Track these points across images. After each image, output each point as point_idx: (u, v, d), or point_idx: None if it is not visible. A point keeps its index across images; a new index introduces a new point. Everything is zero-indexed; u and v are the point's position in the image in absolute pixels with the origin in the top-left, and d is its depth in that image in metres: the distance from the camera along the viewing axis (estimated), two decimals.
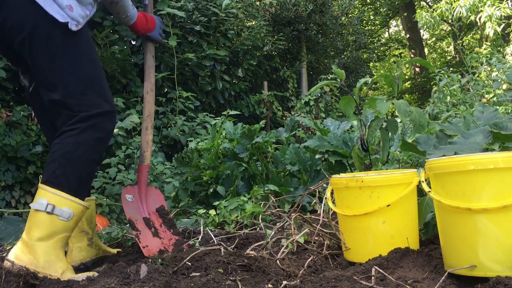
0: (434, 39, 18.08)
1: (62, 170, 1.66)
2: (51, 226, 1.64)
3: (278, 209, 2.81)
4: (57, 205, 1.64)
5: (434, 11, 6.81)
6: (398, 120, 2.48)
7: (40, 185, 1.68)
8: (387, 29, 18.98)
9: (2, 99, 3.97)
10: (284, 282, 1.51)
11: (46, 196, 1.65)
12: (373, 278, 1.46)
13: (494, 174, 1.32)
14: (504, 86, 4.44)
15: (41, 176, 1.73)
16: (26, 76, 1.93)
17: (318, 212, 2.46)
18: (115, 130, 3.29)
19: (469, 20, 6.17)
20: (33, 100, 1.94)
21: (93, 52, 1.80)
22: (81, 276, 1.63)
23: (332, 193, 1.90)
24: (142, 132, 2.14)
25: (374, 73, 13.62)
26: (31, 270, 1.60)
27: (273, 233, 2.19)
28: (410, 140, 2.27)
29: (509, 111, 3.70)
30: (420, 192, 1.82)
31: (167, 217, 2.13)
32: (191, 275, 1.63)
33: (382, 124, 2.35)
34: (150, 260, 1.77)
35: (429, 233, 1.86)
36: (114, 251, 2.13)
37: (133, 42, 5.04)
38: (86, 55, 1.75)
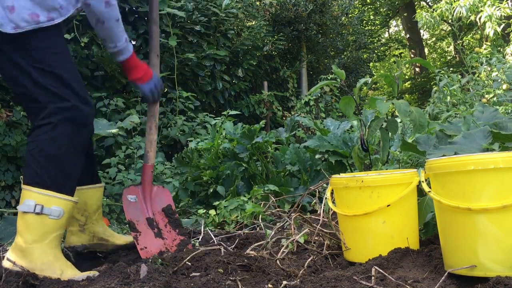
0: (434, 39, 18.08)
1: (42, 169, 1.63)
2: (43, 226, 1.62)
3: (278, 209, 2.81)
4: (46, 205, 1.61)
5: (434, 11, 6.81)
6: (398, 120, 2.48)
7: (23, 186, 1.65)
8: (387, 29, 18.98)
9: (2, 99, 3.97)
10: (284, 282, 1.51)
11: (32, 196, 1.62)
12: (373, 278, 1.46)
13: (494, 174, 1.32)
14: (504, 86, 4.44)
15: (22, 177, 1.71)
16: None
17: (318, 212, 2.46)
18: (115, 130, 3.28)
19: (469, 20, 6.17)
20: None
21: (56, 48, 1.70)
22: (82, 275, 1.62)
23: (332, 193, 1.90)
24: (146, 132, 2.13)
25: (374, 73, 13.62)
26: (30, 274, 1.60)
27: (273, 233, 2.19)
28: (410, 140, 2.27)
29: (509, 111, 3.70)
30: (420, 192, 1.82)
31: (173, 216, 2.12)
32: (191, 275, 1.63)
33: (382, 124, 2.35)
34: (150, 260, 1.77)
35: (429, 233, 1.86)
36: (122, 240, 2.10)
37: (133, 42, 5.04)
38: (46, 52, 1.66)
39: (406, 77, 15.84)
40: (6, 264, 1.64)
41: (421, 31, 16.13)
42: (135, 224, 1.97)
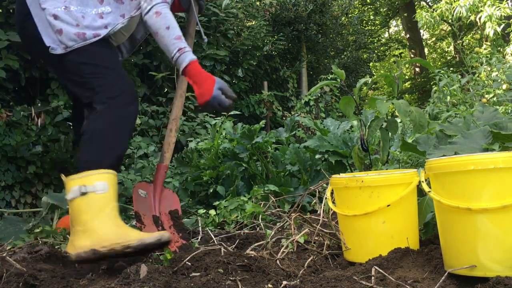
0: (434, 39, 18.08)
1: (80, 155, 1.73)
2: (94, 203, 1.64)
3: (278, 209, 2.81)
4: (87, 184, 1.65)
5: (434, 11, 6.80)
6: (398, 120, 2.48)
7: (64, 179, 1.71)
8: (387, 29, 18.98)
9: (2, 99, 3.96)
10: (284, 282, 1.51)
11: (74, 183, 1.67)
12: (373, 278, 1.46)
13: (494, 174, 1.32)
14: (504, 86, 4.44)
15: (62, 174, 1.78)
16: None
17: (318, 212, 2.46)
18: None
19: (469, 20, 6.17)
20: None
21: (97, 59, 1.85)
22: (152, 237, 1.60)
23: (332, 193, 1.90)
24: (166, 133, 2.16)
25: (374, 73, 13.62)
26: (98, 249, 1.58)
27: (273, 233, 2.19)
28: (410, 140, 2.27)
29: (509, 111, 3.70)
30: (420, 192, 1.82)
31: (178, 221, 2.13)
32: (191, 275, 1.63)
33: (382, 124, 2.35)
34: (150, 260, 1.77)
35: (429, 233, 1.86)
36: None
37: None
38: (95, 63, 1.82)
39: (406, 77, 15.83)
40: (69, 249, 1.63)
41: (421, 31, 16.13)
42: (141, 217, 1.97)
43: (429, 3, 16.06)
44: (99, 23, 1.83)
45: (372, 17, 15.95)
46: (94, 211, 1.64)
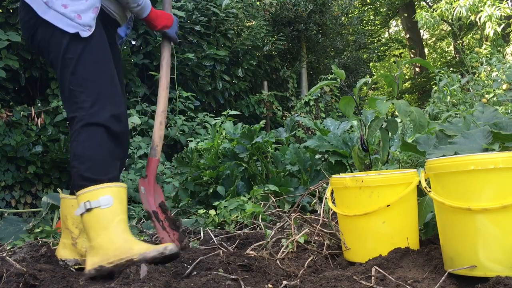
0: (434, 39, 18.08)
1: (78, 173, 1.70)
2: (99, 218, 1.65)
3: (278, 209, 2.81)
4: (92, 199, 1.65)
5: (434, 11, 6.81)
6: (398, 120, 2.48)
7: (76, 194, 1.71)
8: (387, 29, 18.98)
9: (2, 99, 3.97)
10: (284, 282, 1.51)
11: (79, 199, 1.68)
12: (373, 278, 1.46)
13: (494, 174, 1.32)
14: (504, 86, 4.44)
15: (59, 189, 1.79)
16: None
17: (318, 212, 2.46)
18: None
19: (469, 20, 6.17)
20: None
21: (105, 57, 1.84)
22: (155, 250, 1.59)
23: (332, 193, 1.90)
24: (155, 126, 2.13)
25: (374, 73, 13.62)
26: (105, 265, 1.58)
27: (273, 233, 2.19)
28: (410, 140, 2.27)
29: (509, 111, 3.70)
30: (420, 192, 1.82)
31: (167, 213, 2.13)
32: (191, 275, 1.63)
33: (382, 124, 2.35)
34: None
35: (429, 233, 1.86)
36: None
37: (133, 42, 5.04)
38: (95, 59, 1.80)
39: (406, 77, 15.84)
40: (87, 268, 1.63)
41: (421, 31, 16.13)
42: (157, 215, 1.96)
43: (429, 3, 16.06)
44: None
45: (372, 17, 15.96)
46: (100, 226, 1.64)
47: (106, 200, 1.66)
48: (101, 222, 1.64)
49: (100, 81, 1.79)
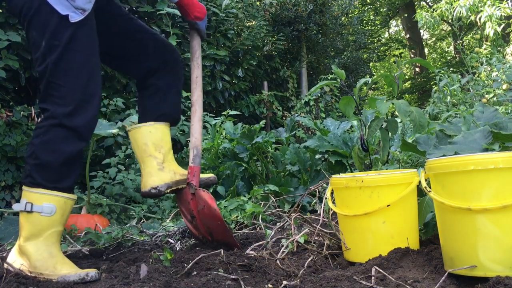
0: (434, 39, 18.08)
1: (33, 170, 1.63)
2: (35, 224, 1.61)
3: (278, 209, 2.81)
4: (36, 202, 1.61)
5: (434, 11, 6.81)
6: (398, 120, 2.48)
7: (23, 187, 1.67)
8: (387, 29, 18.98)
9: (2, 99, 3.97)
10: (284, 282, 1.51)
11: (25, 195, 1.63)
12: (373, 278, 1.46)
13: (494, 174, 1.32)
14: (504, 86, 4.44)
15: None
16: None
17: (318, 212, 2.46)
18: (115, 130, 3.28)
19: (469, 20, 6.17)
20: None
21: (92, 50, 1.71)
22: (77, 274, 1.58)
23: (332, 193, 1.90)
24: (196, 131, 2.00)
25: (374, 73, 13.62)
26: (26, 270, 1.59)
27: (273, 233, 2.19)
28: (410, 140, 2.27)
29: (509, 111, 3.70)
30: (420, 192, 1.82)
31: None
32: (191, 275, 1.63)
33: (382, 124, 2.35)
34: (150, 260, 1.77)
35: (429, 233, 1.86)
36: (207, 175, 2.07)
37: None
38: (81, 51, 1.67)
39: (406, 77, 15.83)
40: (6, 264, 1.65)
41: (421, 31, 16.13)
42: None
43: (429, 3, 16.06)
44: None
45: (372, 17, 15.96)
46: (33, 232, 1.61)
47: (49, 208, 1.62)
48: (35, 227, 1.61)
49: (82, 78, 1.65)
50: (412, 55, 16.16)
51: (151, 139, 1.97)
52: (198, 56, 2.10)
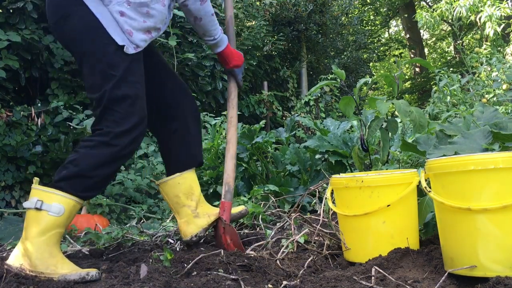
0: (434, 39, 18.08)
1: (67, 175, 1.68)
2: (41, 222, 1.64)
3: (278, 209, 2.81)
4: (46, 201, 1.64)
5: (434, 11, 6.81)
6: (398, 120, 2.48)
7: (33, 186, 1.69)
8: (387, 29, 18.98)
9: (2, 99, 3.97)
10: (284, 282, 1.51)
11: (36, 194, 1.66)
12: (373, 278, 1.46)
13: (494, 174, 1.32)
14: (504, 86, 4.44)
15: (35, 178, 1.75)
16: None
17: (318, 212, 2.46)
18: None
19: (469, 20, 6.17)
20: None
21: (142, 78, 1.81)
22: (77, 273, 1.59)
23: (332, 193, 1.90)
24: (229, 167, 2.07)
25: (374, 73, 13.62)
26: (26, 270, 1.60)
27: (273, 233, 2.19)
28: (410, 140, 2.27)
29: (509, 111, 3.70)
30: (420, 192, 1.82)
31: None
32: (191, 275, 1.63)
33: (382, 124, 2.35)
34: (150, 260, 1.77)
35: (429, 233, 1.86)
36: (238, 208, 2.14)
37: None
38: (135, 82, 1.77)
39: (406, 77, 15.83)
40: (8, 261, 1.65)
41: (421, 31, 16.13)
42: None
43: (429, 3, 16.06)
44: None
45: (372, 17, 15.96)
46: (38, 230, 1.63)
47: (58, 209, 1.65)
48: (40, 226, 1.63)
49: (135, 104, 1.75)
50: (412, 55, 16.16)
51: (181, 190, 2.04)
52: (233, 98, 2.17)
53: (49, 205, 1.64)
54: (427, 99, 7.03)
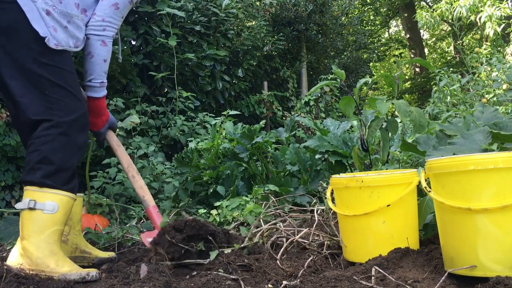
0: (434, 39, 18.08)
1: (45, 173, 1.69)
2: (38, 221, 1.65)
3: (278, 208, 2.81)
4: (39, 200, 1.65)
5: (434, 11, 6.81)
6: (398, 120, 2.48)
7: (24, 187, 1.71)
8: (387, 29, 18.98)
9: (2, 99, 3.97)
10: (284, 282, 1.51)
11: (28, 194, 1.68)
12: (373, 278, 1.46)
13: (494, 174, 1.32)
14: (504, 86, 4.44)
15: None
16: None
17: (318, 212, 2.46)
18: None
19: (469, 20, 6.17)
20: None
21: (68, 72, 1.81)
22: (78, 273, 1.60)
23: (332, 193, 1.90)
24: (130, 180, 2.14)
25: (374, 73, 13.62)
26: (26, 269, 1.60)
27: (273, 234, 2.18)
28: (410, 140, 2.27)
29: (509, 111, 3.70)
30: (420, 192, 1.82)
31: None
32: (191, 274, 1.63)
33: (382, 124, 2.35)
34: (150, 260, 1.77)
35: (429, 233, 1.86)
36: (105, 254, 2.06)
37: (133, 42, 5.04)
38: (61, 68, 1.77)
39: (406, 77, 15.83)
40: (8, 261, 1.65)
41: (421, 31, 16.13)
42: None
43: (429, 3, 16.06)
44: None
45: (372, 17, 15.96)
46: (35, 229, 1.64)
47: (52, 206, 1.66)
48: (37, 225, 1.64)
49: (76, 89, 1.80)
50: (412, 55, 16.15)
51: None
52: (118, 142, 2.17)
53: (42, 203, 1.65)
54: (427, 99, 7.03)
